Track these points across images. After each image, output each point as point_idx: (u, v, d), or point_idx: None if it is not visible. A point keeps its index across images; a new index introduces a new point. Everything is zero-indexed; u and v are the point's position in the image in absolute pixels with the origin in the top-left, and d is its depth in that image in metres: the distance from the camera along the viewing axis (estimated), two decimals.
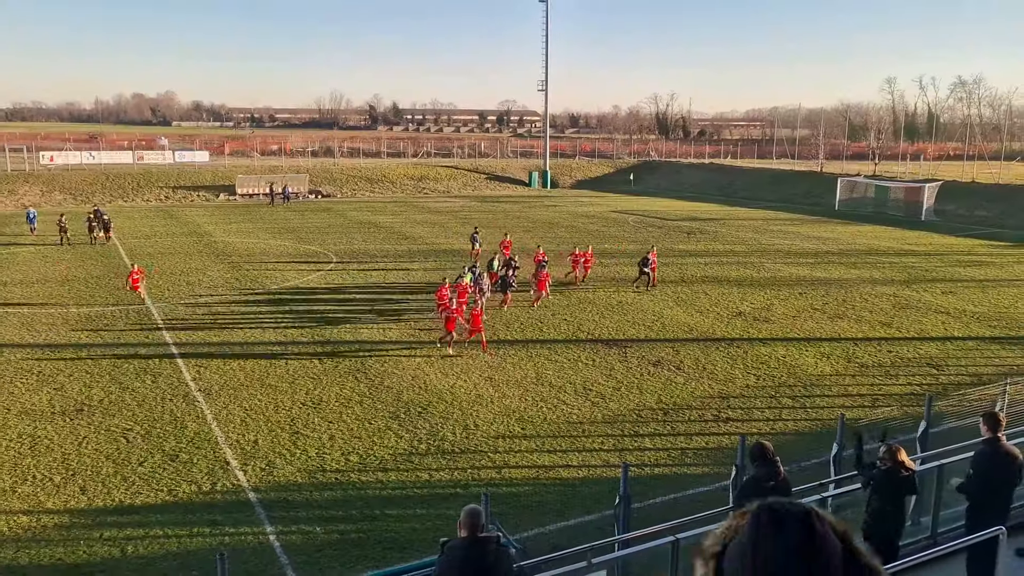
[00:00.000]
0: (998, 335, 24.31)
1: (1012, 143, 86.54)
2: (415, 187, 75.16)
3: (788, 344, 22.98)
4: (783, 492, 8.41)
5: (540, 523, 12.59)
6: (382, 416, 17.28)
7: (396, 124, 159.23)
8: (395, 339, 23.30)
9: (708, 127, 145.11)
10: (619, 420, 17.25)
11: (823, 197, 63.48)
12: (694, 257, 38.11)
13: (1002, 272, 35.43)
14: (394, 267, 34.75)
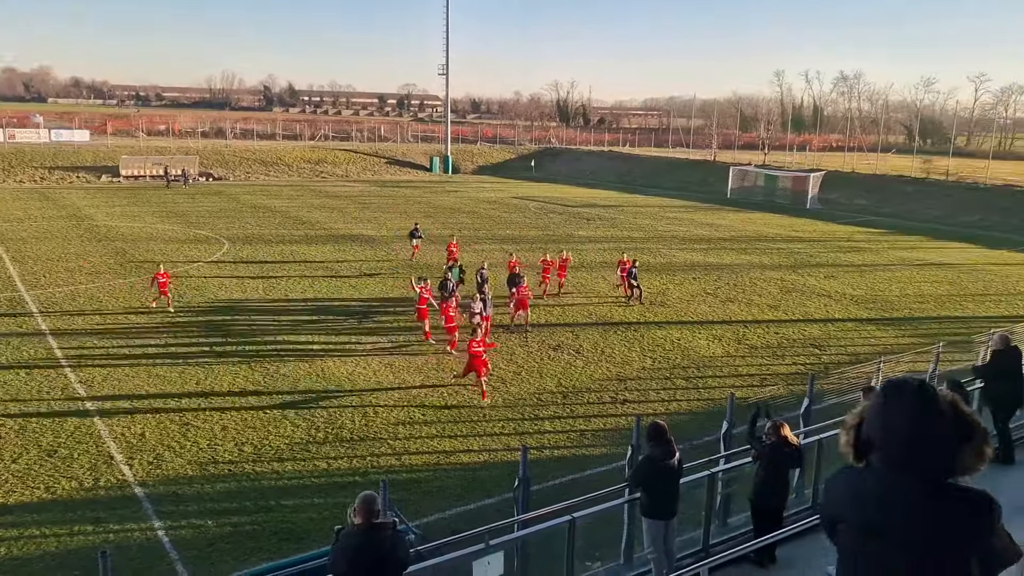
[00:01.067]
0: (874, 316, 25.78)
1: (888, 136, 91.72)
2: (312, 171, 73.37)
3: (682, 327, 23.67)
4: (676, 472, 8.65)
5: (440, 508, 12.55)
6: (278, 405, 16.83)
7: (292, 106, 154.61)
8: (291, 325, 22.72)
9: (607, 115, 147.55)
10: (519, 404, 17.38)
11: (716, 185, 65.61)
12: (593, 243, 38.74)
13: (878, 257, 37.55)
14: (291, 252, 33.84)
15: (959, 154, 71.41)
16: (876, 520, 2.78)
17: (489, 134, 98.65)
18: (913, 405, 2.74)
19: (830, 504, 3.07)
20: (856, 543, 2.88)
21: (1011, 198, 53.40)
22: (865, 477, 2.84)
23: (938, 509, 2.70)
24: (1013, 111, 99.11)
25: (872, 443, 2.81)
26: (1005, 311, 26.67)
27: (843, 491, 2.96)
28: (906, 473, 2.74)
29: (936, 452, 2.71)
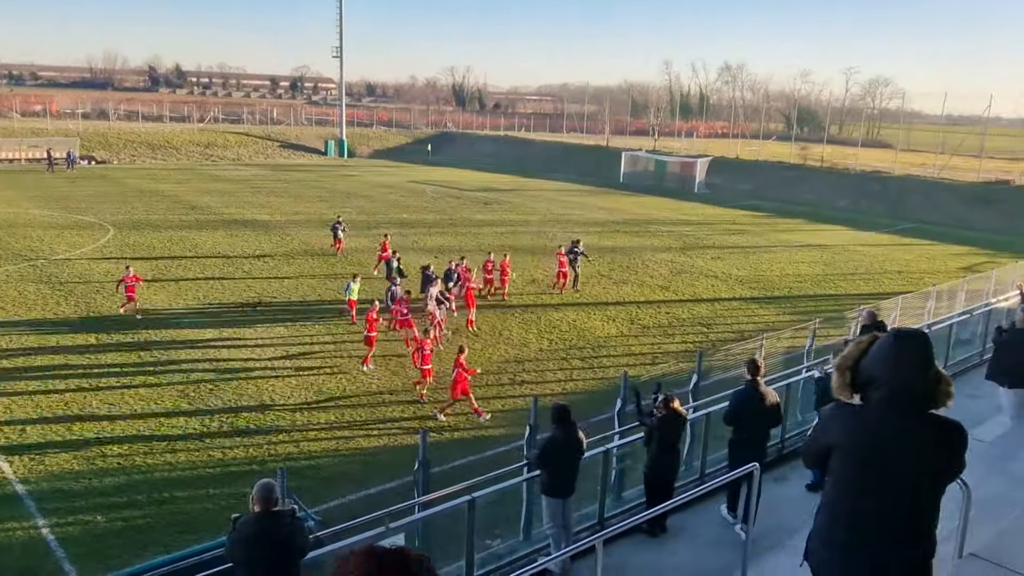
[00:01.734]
0: (757, 296, 27.11)
1: (769, 124, 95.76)
2: (202, 154, 70.60)
3: (578, 309, 24.23)
4: (577, 452, 8.96)
5: (341, 494, 12.48)
6: (170, 395, 16.32)
7: (179, 87, 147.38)
8: (183, 312, 21.97)
9: (503, 100, 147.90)
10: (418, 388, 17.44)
11: (609, 170, 67.00)
12: (490, 227, 39.00)
13: (761, 239, 39.40)
14: (181, 238, 32.57)
15: (832, 142, 75.33)
16: (876, 447, 3.33)
17: (385, 118, 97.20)
18: (922, 352, 3.34)
19: (827, 435, 3.56)
20: (849, 467, 3.43)
21: (879, 183, 56.89)
22: (863, 411, 3.37)
23: (936, 437, 3.31)
24: (880, 102, 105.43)
25: (874, 380, 3.34)
26: (873, 289, 28.52)
27: (841, 424, 3.48)
28: (907, 407, 3.30)
29: (929, 390, 3.31)
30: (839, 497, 3.52)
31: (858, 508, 3.42)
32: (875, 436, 3.33)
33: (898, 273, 32.17)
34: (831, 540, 3.56)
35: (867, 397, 3.37)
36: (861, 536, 3.43)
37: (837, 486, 3.53)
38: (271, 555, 6.15)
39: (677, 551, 9.10)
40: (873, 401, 3.34)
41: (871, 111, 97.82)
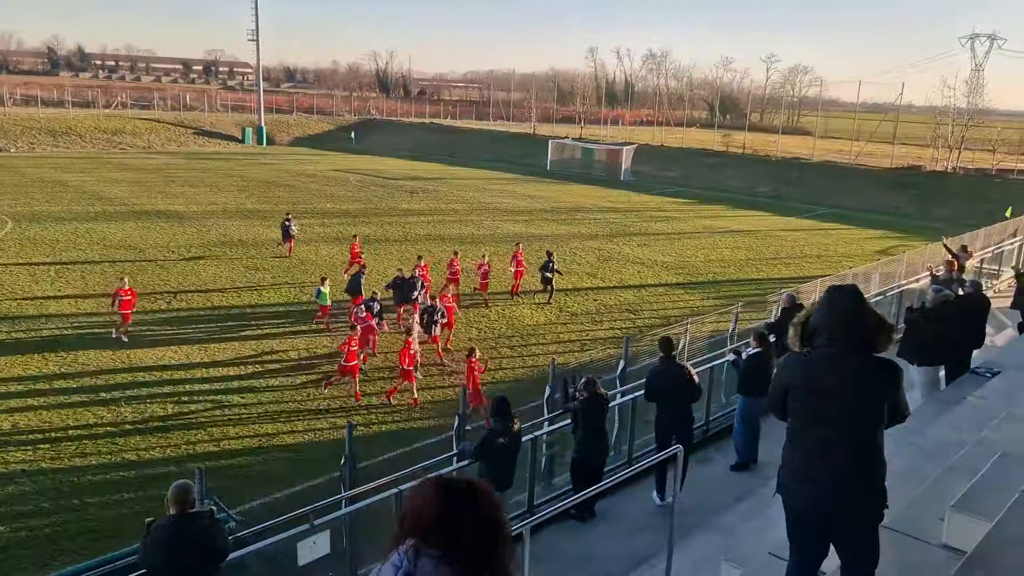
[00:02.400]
0: (682, 281, 27.54)
1: (693, 111, 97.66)
2: (109, 141, 67.59)
3: (506, 297, 24.15)
4: (516, 441, 8.89)
5: (264, 492, 12.09)
6: (78, 397, 15.55)
7: (83, 70, 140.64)
8: (90, 310, 20.99)
9: (428, 87, 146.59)
10: (345, 382, 17.09)
11: (536, 158, 67.15)
12: (417, 216, 38.58)
13: (686, 226, 40.08)
14: (87, 231, 31.12)
15: (754, 129, 77.32)
16: (825, 383, 4.00)
17: (306, 104, 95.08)
18: (853, 299, 4.06)
19: (784, 377, 4.23)
20: (805, 403, 4.08)
21: (798, 170, 58.58)
22: (812, 356, 4.08)
23: (869, 371, 3.97)
24: (799, 90, 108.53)
25: (817, 331, 4.05)
26: (794, 272, 29.32)
27: (795, 367, 4.18)
28: (847, 348, 3.97)
29: (865, 333, 3.96)
30: (797, 430, 4.17)
31: (812, 437, 4.07)
32: (820, 374, 4.02)
33: (817, 257, 33.17)
34: (796, 469, 4.21)
35: (815, 345, 4.08)
36: (817, 460, 4.06)
37: (795, 421, 4.18)
38: (189, 558, 5.89)
39: (606, 535, 9.12)
40: (819, 346, 4.06)
41: (791, 99, 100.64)
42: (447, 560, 2.01)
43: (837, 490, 4.01)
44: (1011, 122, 67.95)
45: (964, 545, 5.32)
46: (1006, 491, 5.80)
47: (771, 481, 9.97)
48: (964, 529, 5.51)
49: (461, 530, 2.03)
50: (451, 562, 2.00)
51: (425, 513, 2.09)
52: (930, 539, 5.65)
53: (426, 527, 2.07)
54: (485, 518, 2.07)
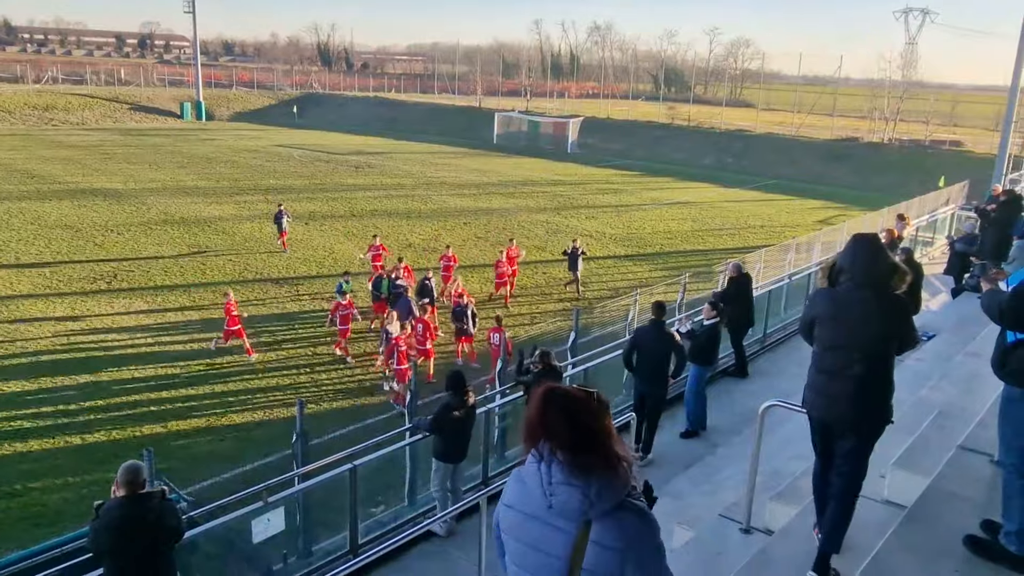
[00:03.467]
0: (630, 253, 27.81)
1: (638, 84, 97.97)
2: (40, 118, 65.00)
3: (466, 273, 24.05)
4: (469, 418, 8.92)
5: (214, 472, 11.95)
6: (16, 380, 15.08)
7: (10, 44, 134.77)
8: (25, 292, 20.31)
9: (371, 60, 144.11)
10: (294, 359, 16.91)
11: (482, 131, 66.76)
12: (363, 191, 38.10)
13: (632, 198, 40.39)
14: (20, 210, 29.99)
15: (698, 101, 77.95)
16: (846, 313, 4.74)
17: (246, 78, 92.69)
18: (872, 246, 4.81)
19: (813, 308, 5.03)
20: (829, 330, 4.82)
21: (742, 142, 59.39)
22: (836, 291, 4.84)
23: (882, 305, 4.68)
24: (741, 62, 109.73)
25: (842, 270, 4.80)
26: (739, 243, 29.82)
27: (822, 300, 4.94)
28: (868, 286, 4.70)
29: (881, 274, 4.71)
30: (821, 353, 4.90)
31: (834, 358, 4.79)
32: (844, 306, 4.76)
33: (761, 227, 33.79)
34: (817, 385, 4.94)
35: (838, 283, 4.82)
36: (833, 378, 4.80)
37: (819, 346, 4.92)
38: (140, 540, 5.75)
39: None
40: (842, 284, 4.79)
41: (734, 72, 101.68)
42: (573, 452, 2.59)
43: (852, 402, 4.74)
44: (943, 94, 69.83)
45: (905, 500, 5.54)
46: (943, 448, 6.04)
47: (719, 448, 10.22)
48: (904, 485, 5.73)
49: (579, 428, 2.61)
50: (576, 448, 2.60)
51: (550, 416, 2.65)
52: (873, 496, 5.85)
53: (553, 426, 2.63)
54: (596, 420, 2.64)
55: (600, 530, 2.59)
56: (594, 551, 2.58)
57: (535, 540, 2.68)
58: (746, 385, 12.84)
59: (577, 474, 2.57)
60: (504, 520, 2.82)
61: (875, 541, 4.84)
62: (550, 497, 2.60)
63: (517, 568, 2.78)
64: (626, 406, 11.77)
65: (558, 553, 2.62)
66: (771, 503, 6.22)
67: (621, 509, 2.60)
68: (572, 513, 2.59)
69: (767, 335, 15.38)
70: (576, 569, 2.60)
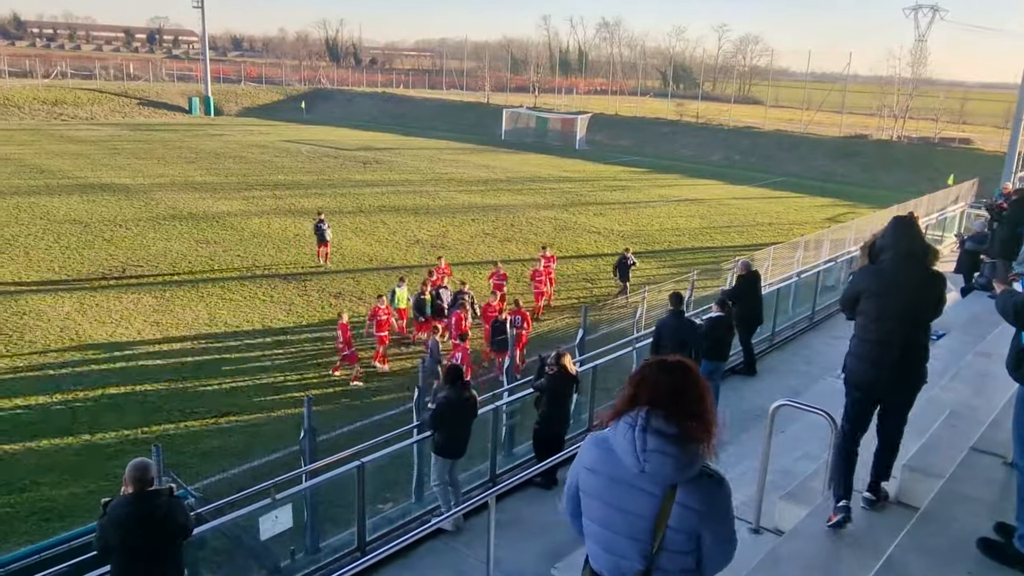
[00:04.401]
0: (638, 250, 27.63)
1: (646, 80, 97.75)
2: (49, 113, 65.27)
3: (464, 269, 24.02)
4: (470, 411, 8.89)
5: (222, 468, 11.98)
6: (25, 376, 15.14)
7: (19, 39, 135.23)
8: (35, 286, 20.39)
9: (380, 56, 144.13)
10: (302, 354, 16.93)
11: (490, 127, 66.71)
12: (371, 187, 38.11)
13: (641, 195, 40.29)
14: (29, 205, 30.09)
15: (707, 98, 77.75)
16: (888, 287, 5.21)
17: (254, 73, 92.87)
18: (909, 226, 5.33)
19: (857, 283, 5.45)
20: (873, 303, 5.27)
21: (750, 139, 59.19)
22: (878, 267, 5.31)
23: (922, 278, 5.21)
24: (750, 59, 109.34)
25: (884, 248, 5.29)
26: (747, 240, 29.73)
27: (866, 276, 5.39)
28: (909, 261, 5.20)
29: (918, 250, 5.24)
30: (867, 324, 5.32)
31: (877, 328, 5.25)
32: (886, 281, 5.23)
33: (769, 225, 33.66)
34: (859, 353, 5.39)
35: (880, 260, 5.31)
36: (879, 346, 5.25)
37: (863, 318, 5.36)
38: (148, 538, 5.74)
39: None
40: (885, 261, 5.27)
41: (742, 68, 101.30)
42: (669, 417, 2.79)
43: (895, 367, 5.22)
44: (953, 91, 69.42)
45: (916, 502, 5.49)
46: (956, 449, 5.99)
47: (728, 446, 10.18)
48: (916, 486, 5.69)
49: (679, 396, 2.82)
50: (673, 418, 2.79)
51: (659, 387, 2.84)
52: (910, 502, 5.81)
53: (659, 396, 2.83)
54: (694, 388, 2.85)
55: (685, 493, 2.83)
56: (679, 512, 2.84)
57: (621, 502, 2.90)
58: (755, 383, 12.78)
59: (672, 442, 2.79)
60: (586, 483, 3.01)
61: (887, 543, 4.80)
62: (643, 463, 2.81)
63: (600, 528, 2.99)
64: None
65: (644, 514, 2.86)
66: (781, 503, 6.19)
67: (703, 475, 2.86)
68: (663, 478, 2.82)
69: (776, 333, 15.32)
70: (661, 528, 2.85)
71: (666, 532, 2.84)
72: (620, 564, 2.96)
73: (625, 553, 2.93)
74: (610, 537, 2.96)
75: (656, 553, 2.87)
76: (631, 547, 2.91)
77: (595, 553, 3.06)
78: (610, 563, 2.99)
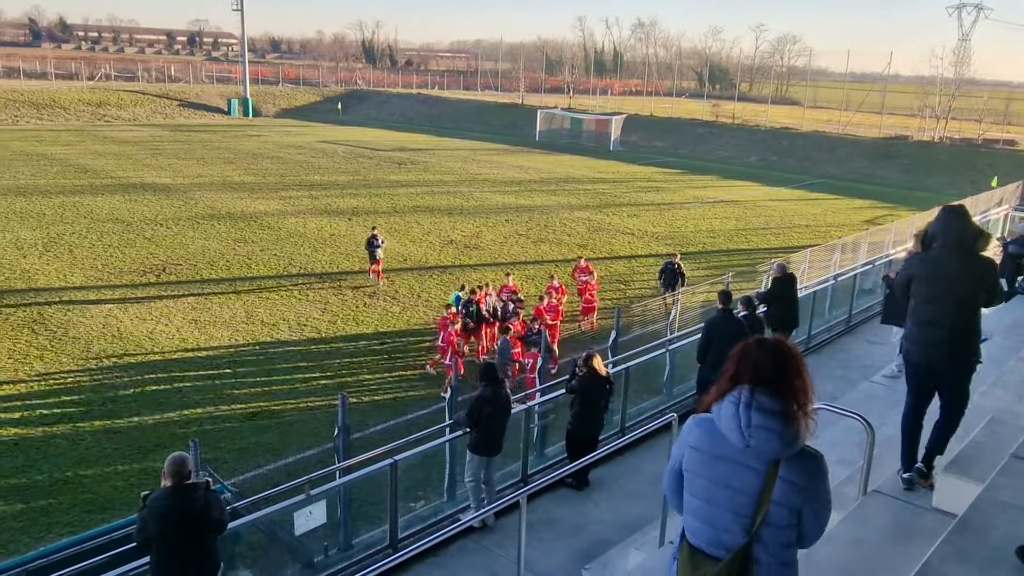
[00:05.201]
0: (673, 252, 27.51)
1: (682, 81, 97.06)
2: (94, 114, 66.75)
3: (496, 268, 24.06)
4: (505, 409, 8.92)
5: (258, 464, 12.16)
6: (69, 371, 15.50)
7: (65, 42, 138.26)
8: (78, 284, 20.85)
9: (415, 57, 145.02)
10: (336, 353, 17.11)
11: (524, 128, 66.75)
12: (405, 188, 38.36)
13: (675, 196, 40.03)
14: (74, 204, 30.80)
15: (743, 99, 77.03)
16: (940, 273, 5.57)
17: (292, 75, 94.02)
18: (960, 216, 5.64)
19: (909, 269, 5.85)
20: (925, 287, 5.65)
21: (787, 140, 58.48)
22: (930, 254, 5.69)
23: (973, 263, 5.54)
24: (788, 59, 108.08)
25: (935, 237, 5.64)
26: (783, 243, 29.38)
27: (918, 263, 5.80)
28: (958, 249, 5.54)
29: (968, 238, 5.56)
30: (917, 307, 5.73)
31: (928, 311, 5.62)
32: (938, 266, 5.59)
33: (806, 227, 33.23)
34: (912, 335, 5.85)
35: (931, 248, 5.69)
36: (929, 327, 5.63)
37: (916, 301, 5.74)
38: (185, 530, 5.87)
39: (600, 503, 9.20)
40: (936, 249, 5.64)
41: (780, 69, 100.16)
42: (773, 393, 2.95)
43: (944, 347, 5.54)
44: (997, 91, 67.98)
45: (955, 508, 5.40)
46: (996, 454, 5.88)
47: None
48: (955, 492, 5.59)
49: (781, 373, 2.97)
50: (776, 394, 2.95)
51: (763, 363, 3.00)
52: (921, 503, 5.73)
53: (763, 372, 2.98)
54: (795, 365, 3.01)
55: (787, 469, 2.96)
56: (782, 487, 2.96)
57: (725, 478, 3.03)
58: None
59: (777, 418, 2.93)
60: (690, 461, 3.16)
61: (925, 549, 4.73)
62: (748, 439, 2.94)
63: (703, 503, 3.12)
64: (666, 406, 11.72)
65: (748, 489, 2.99)
66: None
67: (804, 452, 2.98)
68: (768, 454, 2.95)
69: (812, 336, 15.14)
70: (764, 503, 2.97)
71: (769, 507, 2.97)
72: (721, 537, 3.07)
73: (727, 527, 3.04)
74: (712, 512, 3.08)
75: (758, 527, 2.99)
76: (733, 521, 3.03)
77: (695, 528, 3.17)
78: (711, 537, 3.11)
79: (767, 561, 3.04)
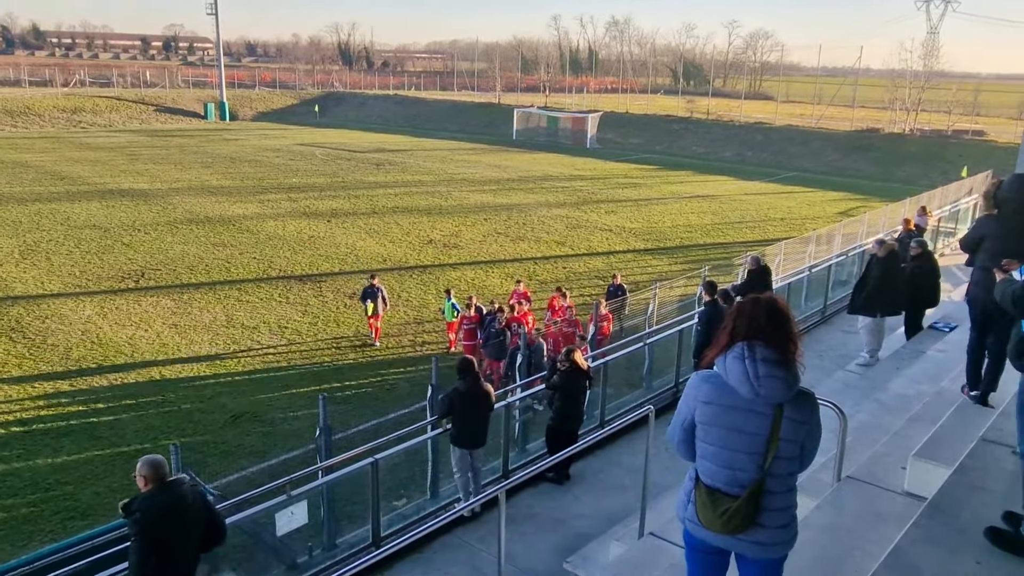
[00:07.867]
0: (650, 247, 27.76)
1: (656, 78, 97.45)
2: (69, 120, 65.96)
3: (476, 267, 24.20)
4: (484, 402, 9.00)
5: (240, 466, 12.14)
6: (48, 378, 15.38)
7: (39, 48, 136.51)
8: (56, 291, 20.68)
9: (391, 58, 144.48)
10: (317, 354, 17.09)
11: (501, 127, 66.79)
12: (384, 188, 38.31)
13: (652, 192, 40.27)
14: (50, 211, 30.47)
15: (717, 95, 77.50)
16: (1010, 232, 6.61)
17: (268, 78, 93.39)
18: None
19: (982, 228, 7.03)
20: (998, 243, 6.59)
21: (761, 134, 58.96)
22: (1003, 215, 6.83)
23: None
24: (760, 55, 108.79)
25: (1009, 201, 6.78)
26: (758, 236, 29.66)
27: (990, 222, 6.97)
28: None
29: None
30: (984, 259, 6.74)
31: (995, 263, 6.25)
32: (1007, 227, 6.60)
33: (781, 220, 33.57)
34: (978, 280, 6.90)
35: (1003, 210, 6.77)
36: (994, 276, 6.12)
37: (984, 255, 6.78)
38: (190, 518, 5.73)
39: (580, 496, 9.29)
40: (1006, 210, 6.76)
41: (753, 64, 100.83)
42: (770, 345, 3.40)
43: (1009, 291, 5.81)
44: (965, 83, 68.91)
45: (925, 492, 5.53)
46: (966, 438, 6.02)
47: None
48: (925, 476, 5.72)
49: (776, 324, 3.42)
50: (773, 344, 3.40)
51: (757, 318, 3.44)
52: (893, 487, 5.86)
53: (758, 326, 3.42)
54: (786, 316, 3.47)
55: (792, 409, 3.46)
56: (788, 425, 3.45)
57: (738, 424, 3.48)
58: None
59: (779, 366, 3.40)
60: (702, 414, 3.57)
61: (895, 533, 4.85)
62: (758, 388, 3.39)
63: (719, 448, 3.54)
64: (645, 399, 11.83)
65: (759, 432, 3.45)
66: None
67: (801, 392, 3.49)
68: (775, 399, 3.42)
69: None
70: (775, 441, 3.43)
71: (779, 444, 3.42)
72: (738, 476, 3.50)
73: (743, 466, 3.48)
74: (729, 455, 3.51)
75: (770, 463, 3.44)
76: (748, 460, 3.47)
77: (711, 471, 3.59)
78: (728, 476, 3.53)
79: (776, 489, 3.50)
